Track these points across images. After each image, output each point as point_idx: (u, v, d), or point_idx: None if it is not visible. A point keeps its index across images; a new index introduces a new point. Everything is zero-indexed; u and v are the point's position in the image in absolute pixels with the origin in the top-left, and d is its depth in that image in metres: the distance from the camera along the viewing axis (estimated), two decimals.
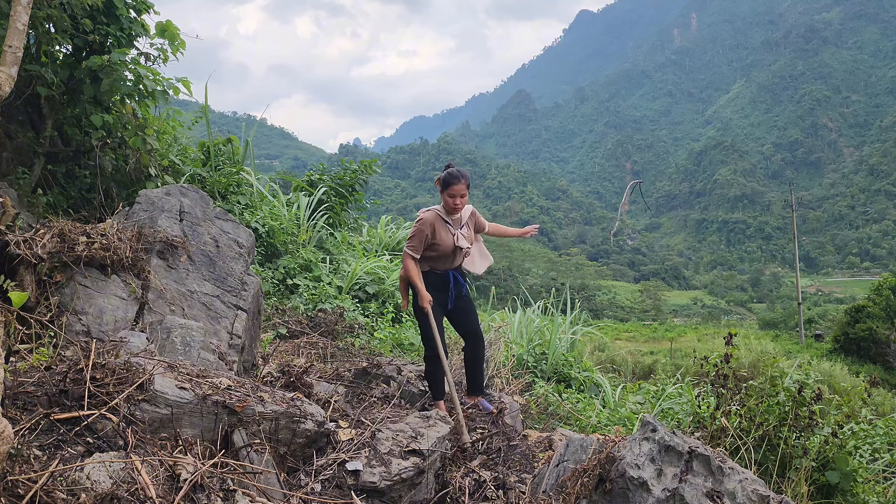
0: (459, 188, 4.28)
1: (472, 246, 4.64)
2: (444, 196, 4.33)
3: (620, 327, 43.47)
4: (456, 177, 4.28)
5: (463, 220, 4.51)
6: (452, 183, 4.28)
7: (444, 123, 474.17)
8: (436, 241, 4.34)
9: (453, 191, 4.28)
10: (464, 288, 4.52)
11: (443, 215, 4.40)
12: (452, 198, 4.29)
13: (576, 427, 5.72)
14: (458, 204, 4.32)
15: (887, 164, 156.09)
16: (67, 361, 2.82)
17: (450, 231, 4.40)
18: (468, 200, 4.53)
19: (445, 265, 4.45)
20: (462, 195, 4.32)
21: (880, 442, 4.76)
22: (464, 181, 4.33)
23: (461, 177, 4.32)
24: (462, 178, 4.32)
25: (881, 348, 26.77)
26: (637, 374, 19.59)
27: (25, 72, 5.32)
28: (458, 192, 4.29)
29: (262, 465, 2.93)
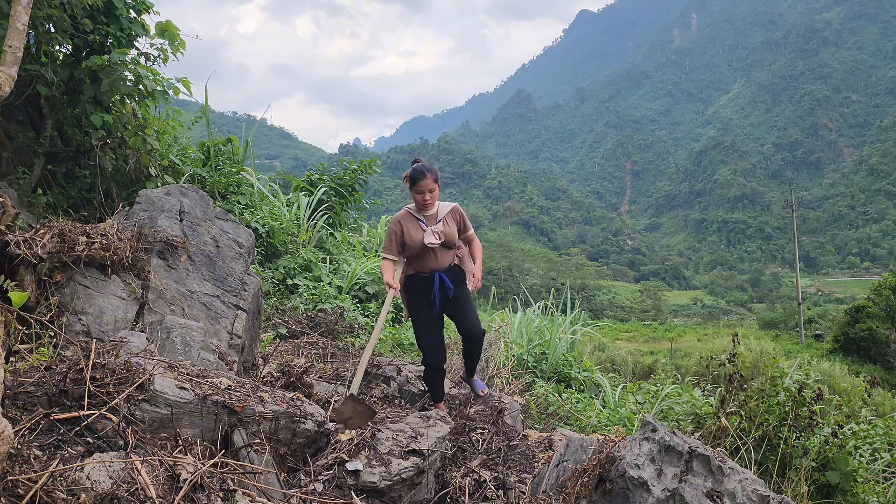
0: (426, 183, 4.08)
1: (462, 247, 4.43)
2: (412, 193, 4.17)
3: (620, 327, 43.49)
4: (421, 172, 4.08)
5: (439, 216, 4.25)
6: (418, 179, 4.09)
7: (444, 123, 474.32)
8: (405, 240, 4.17)
9: (420, 186, 4.09)
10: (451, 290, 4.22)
11: (414, 212, 4.22)
12: (420, 194, 4.11)
13: (576, 427, 5.72)
14: (428, 200, 4.12)
15: (887, 164, 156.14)
16: (67, 361, 2.82)
17: (420, 227, 4.18)
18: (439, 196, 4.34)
19: (429, 265, 4.23)
20: (430, 190, 4.11)
21: (880, 442, 4.75)
22: (430, 175, 4.11)
23: (426, 171, 4.10)
24: (427, 172, 4.11)
25: (881, 348, 26.77)
26: (637, 374, 19.59)
27: (25, 72, 5.32)
28: (425, 188, 4.10)
29: (262, 465, 2.93)
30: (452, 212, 4.31)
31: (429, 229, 4.18)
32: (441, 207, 4.27)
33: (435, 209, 4.26)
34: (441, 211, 4.27)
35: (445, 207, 4.29)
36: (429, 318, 4.27)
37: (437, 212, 4.25)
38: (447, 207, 4.30)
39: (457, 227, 4.31)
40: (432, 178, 4.11)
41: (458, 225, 4.33)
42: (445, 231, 4.20)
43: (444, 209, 4.28)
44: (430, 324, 4.28)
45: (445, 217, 4.26)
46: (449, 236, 4.21)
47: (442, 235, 4.18)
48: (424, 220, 4.21)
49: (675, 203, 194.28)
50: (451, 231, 4.23)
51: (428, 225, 4.20)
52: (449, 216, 4.28)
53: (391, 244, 4.21)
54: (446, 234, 4.20)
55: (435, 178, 4.12)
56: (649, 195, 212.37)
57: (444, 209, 4.28)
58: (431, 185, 4.11)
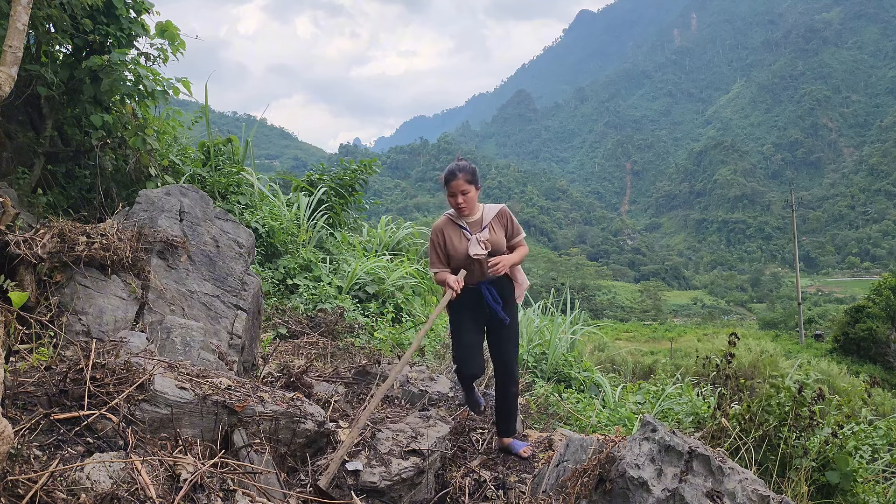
0: (457, 184, 3.63)
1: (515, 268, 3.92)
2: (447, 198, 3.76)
3: (620, 327, 43.50)
4: (451, 171, 3.66)
5: (484, 222, 3.75)
6: (449, 179, 3.66)
7: (444, 123, 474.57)
8: (448, 251, 3.75)
9: (452, 188, 3.65)
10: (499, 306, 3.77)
11: (455, 218, 3.78)
12: (453, 196, 3.67)
13: (576, 427, 5.71)
14: (462, 203, 3.65)
15: (887, 164, 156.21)
16: (67, 361, 2.82)
17: (464, 236, 3.73)
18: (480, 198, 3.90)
19: (474, 276, 3.76)
20: (463, 191, 3.65)
21: (880, 442, 4.75)
22: (462, 175, 3.64)
23: (458, 171, 3.65)
24: (459, 171, 3.65)
25: (881, 348, 26.78)
26: (637, 374, 19.59)
27: (25, 72, 5.32)
28: (457, 189, 3.64)
29: (262, 465, 2.93)
30: (499, 215, 3.83)
31: (473, 237, 3.72)
32: (486, 211, 3.81)
33: (478, 213, 3.79)
34: (486, 215, 3.79)
35: (491, 210, 3.82)
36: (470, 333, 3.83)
37: (481, 216, 3.78)
38: (493, 210, 3.82)
39: (504, 233, 3.82)
40: (465, 179, 3.64)
41: (506, 230, 3.84)
42: (492, 239, 3.73)
43: (489, 213, 3.80)
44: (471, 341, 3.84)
45: (491, 222, 3.78)
46: (496, 244, 3.73)
47: (488, 244, 3.71)
48: (468, 226, 3.75)
49: (675, 203, 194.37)
50: (498, 238, 3.75)
51: (472, 232, 3.74)
52: (495, 221, 3.80)
53: (437, 257, 3.80)
54: (493, 243, 3.73)
55: (469, 178, 3.66)
56: (649, 195, 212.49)
57: (489, 213, 3.80)
58: (464, 185, 3.65)
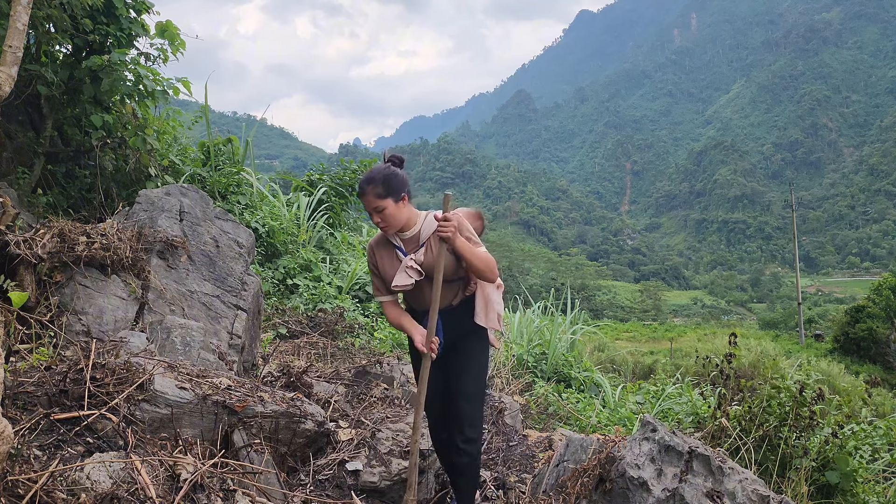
0: (367, 202, 2.76)
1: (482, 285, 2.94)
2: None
3: (620, 327, 43.49)
4: (361, 185, 2.79)
5: (422, 238, 2.88)
6: (359, 194, 2.82)
7: (444, 123, 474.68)
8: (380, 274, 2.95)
9: (364, 207, 2.82)
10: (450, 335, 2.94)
11: (388, 236, 2.92)
12: (370, 215, 2.82)
13: (576, 427, 5.72)
14: (379, 223, 2.79)
15: (887, 164, 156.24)
16: (67, 361, 2.82)
17: (396, 257, 2.89)
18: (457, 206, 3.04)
19: (421, 303, 2.94)
20: (377, 209, 2.74)
21: (880, 442, 4.75)
22: (370, 189, 2.73)
23: (366, 184, 2.75)
24: (368, 184, 2.74)
25: (881, 348, 26.77)
26: (637, 374, 19.58)
27: (25, 72, 5.32)
28: (367, 207, 2.80)
29: (262, 465, 2.93)
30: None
31: (406, 260, 2.85)
32: (426, 224, 2.89)
33: (416, 228, 2.89)
34: (425, 229, 2.88)
35: (430, 223, 2.89)
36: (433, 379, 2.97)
37: (419, 231, 2.89)
38: (432, 222, 2.88)
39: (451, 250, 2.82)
40: (375, 193, 2.73)
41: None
42: (428, 262, 2.83)
43: (427, 226, 2.89)
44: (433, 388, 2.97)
45: (431, 239, 2.86)
46: (434, 266, 2.80)
47: (418, 272, 2.83)
48: (402, 244, 2.89)
49: (675, 203, 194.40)
50: (441, 261, 2.78)
51: (407, 251, 2.89)
52: (436, 238, 2.83)
53: (378, 282, 3.01)
54: (429, 266, 2.83)
55: (382, 192, 2.73)
56: (649, 195, 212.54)
57: (427, 226, 2.89)
58: (375, 202, 2.74)
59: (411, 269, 2.82)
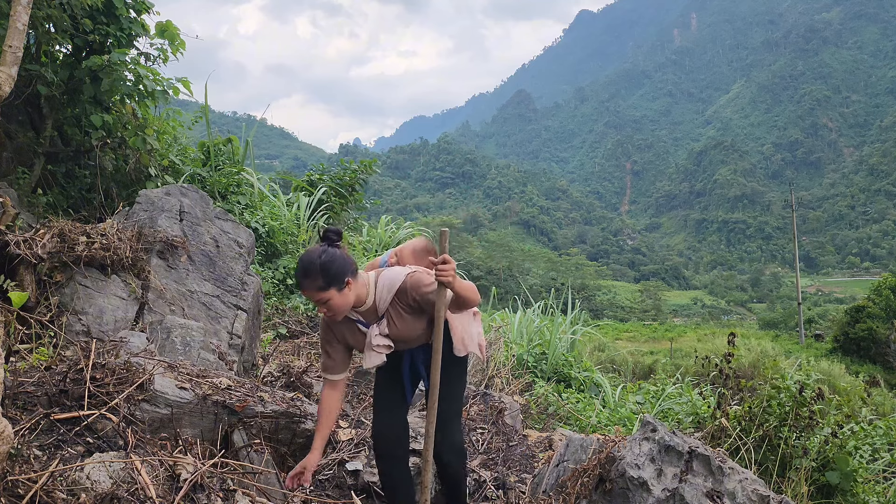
0: (308, 295, 2.52)
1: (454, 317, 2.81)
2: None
3: (620, 327, 43.49)
4: (297, 279, 2.52)
5: (380, 310, 2.67)
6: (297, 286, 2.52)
7: (444, 123, 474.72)
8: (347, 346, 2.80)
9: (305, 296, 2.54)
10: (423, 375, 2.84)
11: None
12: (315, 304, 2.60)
13: (576, 427, 5.72)
14: (326, 312, 2.56)
15: (887, 164, 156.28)
16: (67, 361, 2.82)
17: (357, 330, 2.73)
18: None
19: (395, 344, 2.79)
20: (320, 301, 2.51)
21: (880, 442, 4.76)
22: (308, 284, 2.48)
23: (303, 278, 2.49)
24: (305, 278, 2.48)
25: (881, 348, 26.77)
26: (637, 374, 19.59)
27: (25, 72, 5.32)
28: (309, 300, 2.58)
29: (262, 465, 2.93)
30: (400, 294, 2.65)
31: (369, 335, 2.68)
32: (381, 293, 2.66)
33: (370, 299, 2.66)
34: (382, 299, 2.66)
35: (387, 292, 2.66)
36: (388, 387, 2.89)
37: (374, 303, 2.67)
38: (390, 291, 2.65)
39: (414, 309, 2.67)
40: (315, 288, 2.48)
41: (417, 304, 2.65)
42: (396, 332, 2.69)
43: (384, 295, 2.66)
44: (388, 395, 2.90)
45: (390, 310, 2.67)
46: (406, 334, 2.71)
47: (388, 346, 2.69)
48: (361, 317, 2.71)
49: (675, 203, 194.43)
50: (407, 325, 2.69)
51: (368, 323, 2.71)
52: (396, 306, 2.66)
53: (326, 358, 2.78)
54: (400, 336, 2.71)
55: (322, 285, 2.47)
56: (649, 195, 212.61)
57: (384, 295, 2.66)
58: (317, 295, 2.50)
59: (380, 347, 2.66)
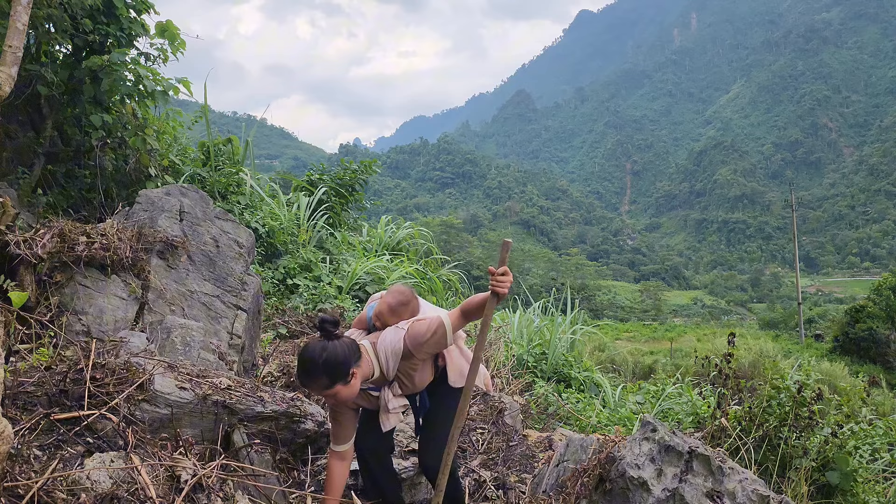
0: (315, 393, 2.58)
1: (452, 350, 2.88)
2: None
3: (620, 327, 43.48)
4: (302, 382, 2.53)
5: (389, 373, 2.68)
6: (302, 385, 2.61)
7: (443, 123, 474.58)
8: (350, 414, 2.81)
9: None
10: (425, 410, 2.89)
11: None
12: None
13: (576, 427, 5.71)
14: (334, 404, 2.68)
15: (887, 164, 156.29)
16: (67, 361, 2.82)
17: (369, 394, 2.78)
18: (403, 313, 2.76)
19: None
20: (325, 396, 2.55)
21: (880, 442, 4.75)
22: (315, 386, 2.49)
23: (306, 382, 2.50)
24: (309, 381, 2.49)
25: (881, 348, 26.77)
26: (637, 374, 19.59)
27: (25, 72, 5.31)
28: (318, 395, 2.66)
29: (262, 466, 2.93)
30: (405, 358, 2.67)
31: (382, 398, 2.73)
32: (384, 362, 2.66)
33: (375, 373, 2.67)
34: (387, 367, 2.66)
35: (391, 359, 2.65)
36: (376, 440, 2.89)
37: (381, 372, 2.69)
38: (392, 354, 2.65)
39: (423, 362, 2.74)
40: (321, 387, 2.48)
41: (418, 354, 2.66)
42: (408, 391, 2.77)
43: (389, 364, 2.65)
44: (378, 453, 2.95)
45: (399, 374, 2.70)
46: (419, 387, 2.79)
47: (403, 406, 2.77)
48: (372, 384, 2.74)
49: (675, 203, 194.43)
50: (419, 381, 2.76)
51: (379, 387, 2.75)
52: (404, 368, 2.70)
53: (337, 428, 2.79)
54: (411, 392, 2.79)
55: (327, 383, 2.46)
56: (649, 195, 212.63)
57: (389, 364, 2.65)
58: (322, 393, 2.51)
59: (396, 409, 2.76)
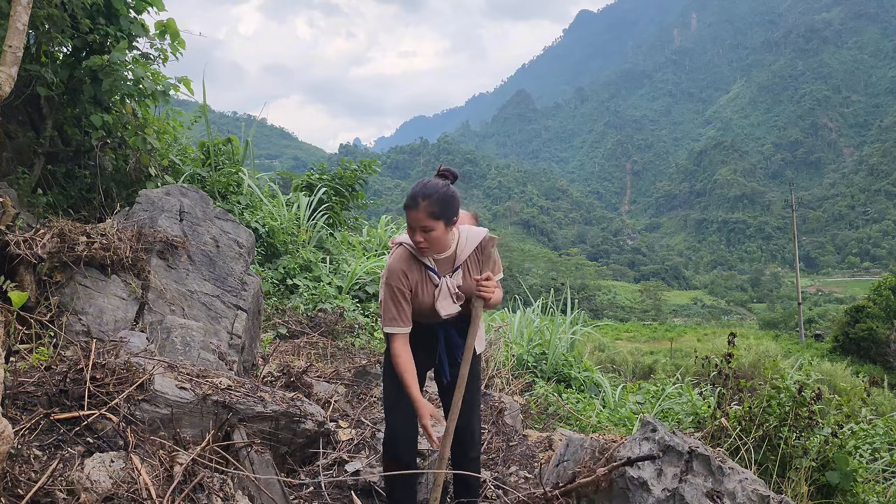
0: (416, 218, 2.53)
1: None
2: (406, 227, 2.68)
3: (620, 327, 43.48)
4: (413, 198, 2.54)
5: (458, 259, 2.71)
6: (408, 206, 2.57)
7: (443, 123, 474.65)
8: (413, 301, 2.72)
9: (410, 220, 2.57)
10: (459, 351, 2.78)
11: (416, 252, 2.67)
12: (412, 230, 2.59)
13: (576, 427, 5.71)
14: (421, 243, 2.58)
15: (887, 164, 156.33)
16: (67, 361, 2.82)
17: (430, 280, 2.69)
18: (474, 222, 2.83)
19: (427, 316, 2.77)
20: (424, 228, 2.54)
21: (880, 442, 4.76)
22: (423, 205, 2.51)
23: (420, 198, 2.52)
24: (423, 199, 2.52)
25: (881, 348, 26.78)
26: (637, 374, 19.60)
27: (25, 72, 5.31)
28: (415, 224, 2.55)
29: (262, 466, 2.93)
30: (481, 249, 2.74)
31: (443, 284, 2.68)
32: (462, 242, 2.72)
33: (450, 249, 2.70)
34: (462, 248, 2.72)
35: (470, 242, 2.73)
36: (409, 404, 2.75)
37: (454, 251, 2.71)
38: (472, 242, 2.73)
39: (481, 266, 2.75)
40: (427, 211, 2.52)
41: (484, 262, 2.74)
42: (466, 286, 2.71)
43: (467, 245, 2.72)
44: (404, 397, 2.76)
45: (468, 260, 2.73)
46: (471, 290, 2.71)
47: (461, 295, 2.72)
48: (435, 266, 2.69)
49: (675, 203, 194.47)
50: (473, 283, 2.69)
51: (441, 274, 2.69)
52: (474, 257, 2.74)
53: (399, 310, 2.68)
54: (467, 291, 2.72)
55: (435, 211, 2.52)
56: (649, 195, 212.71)
57: (467, 245, 2.72)
58: (425, 220, 2.53)
59: (455, 296, 2.69)
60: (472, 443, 2.91)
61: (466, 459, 2.93)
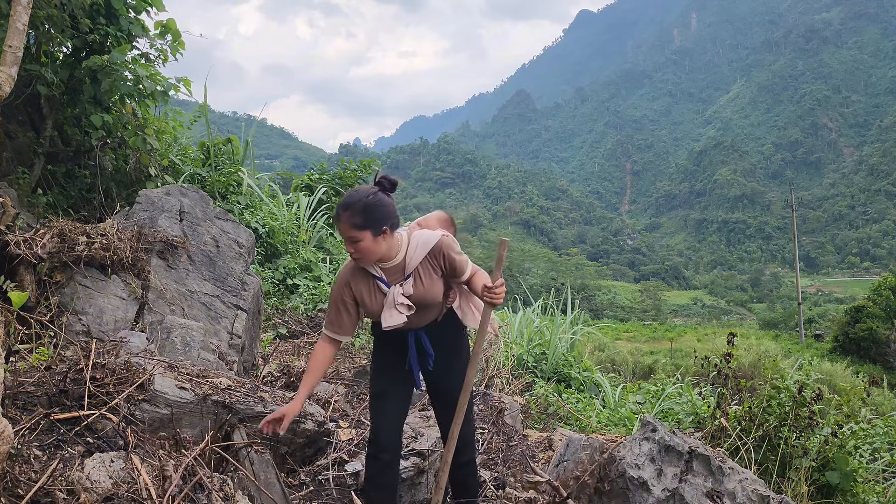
0: (341, 228, 2.46)
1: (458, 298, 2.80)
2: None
3: (620, 327, 43.47)
4: (337, 210, 2.48)
5: (409, 267, 2.58)
6: (334, 218, 2.56)
7: (443, 123, 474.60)
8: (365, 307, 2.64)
9: (338, 229, 2.55)
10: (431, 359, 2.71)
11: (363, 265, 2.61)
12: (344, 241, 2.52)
13: (576, 427, 5.71)
14: (353, 254, 2.50)
15: (887, 164, 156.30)
16: (67, 361, 2.82)
17: (378, 289, 2.59)
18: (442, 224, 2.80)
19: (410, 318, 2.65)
20: (352, 239, 2.45)
21: (880, 442, 4.76)
22: (345, 217, 2.43)
23: (342, 209, 2.45)
24: (344, 210, 2.44)
25: (881, 348, 26.77)
26: (637, 374, 19.59)
27: (25, 72, 5.31)
28: (342, 234, 2.48)
29: (262, 465, 2.93)
30: (432, 255, 2.59)
31: (391, 294, 2.56)
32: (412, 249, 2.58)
33: (400, 254, 2.58)
34: (413, 256, 2.58)
35: (420, 249, 2.58)
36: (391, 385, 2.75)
37: (404, 259, 2.58)
38: (422, 249, 2.58)
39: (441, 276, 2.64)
40: (351, 223, 2.42)
41: (444, 270, 2.63)
42: (419, 293, 2.58)
43: (416, 252, 2.58)
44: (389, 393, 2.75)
45: (419, 268, 2.59)
46: (426, 297, 2.60)
47: (408, 306, 2.56)
48: (384, 275, 2.59)
49: (675, 203, 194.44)
50: (429, 289, 2.59)
51: (392, 283, 2.58)
52: (426, 263, 2.60)
53: (336, 316, 2.65)
54: (420, 298, 2.58)
55: (360, 222, 2.42)
56: (649, 195, 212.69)
57: (416, 252, 2.58)
58: (350, 231, 2.44)
59: (402, 306, 2.54)
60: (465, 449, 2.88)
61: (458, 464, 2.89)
